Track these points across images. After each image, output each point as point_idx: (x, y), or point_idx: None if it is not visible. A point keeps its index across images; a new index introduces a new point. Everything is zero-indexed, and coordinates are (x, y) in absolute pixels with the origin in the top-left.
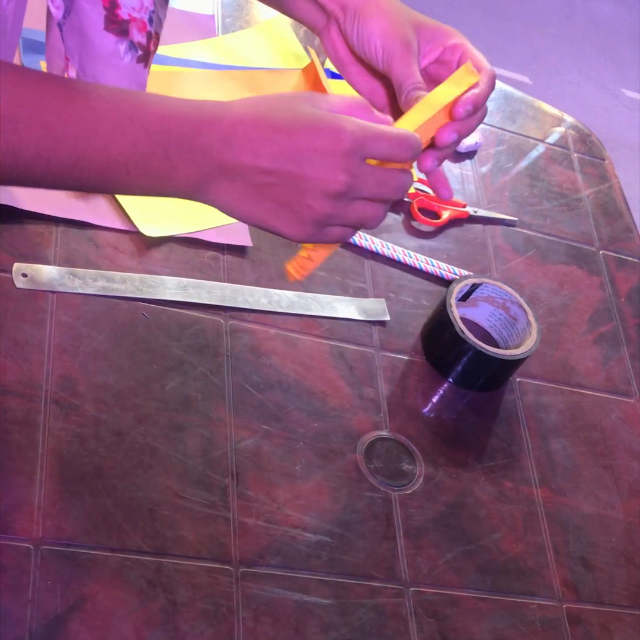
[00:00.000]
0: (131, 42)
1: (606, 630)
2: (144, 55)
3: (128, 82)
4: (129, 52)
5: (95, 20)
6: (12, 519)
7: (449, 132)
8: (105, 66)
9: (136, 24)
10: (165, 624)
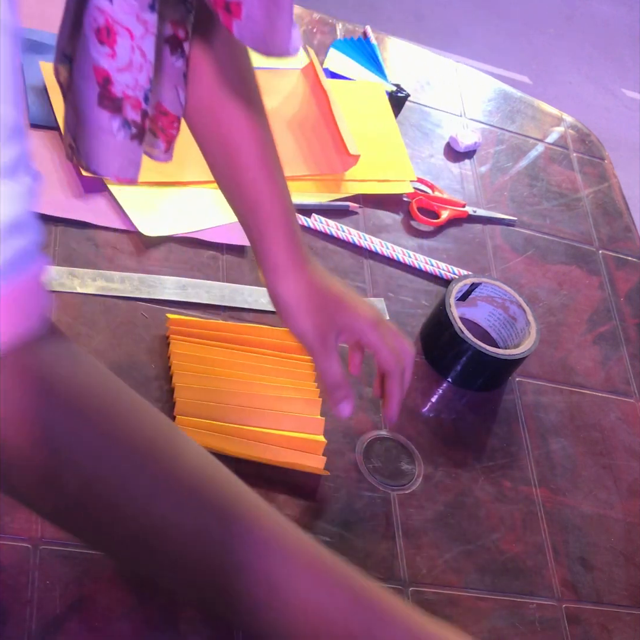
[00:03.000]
0: (125, 119)
1: (605, 630)
2: (139, 133)
3: (121, 159)
4: (122, 129)
5: (89, 95)
6: (11, 518)
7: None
8: (98, 142)
9: (130, 102)
10: (164, 624)
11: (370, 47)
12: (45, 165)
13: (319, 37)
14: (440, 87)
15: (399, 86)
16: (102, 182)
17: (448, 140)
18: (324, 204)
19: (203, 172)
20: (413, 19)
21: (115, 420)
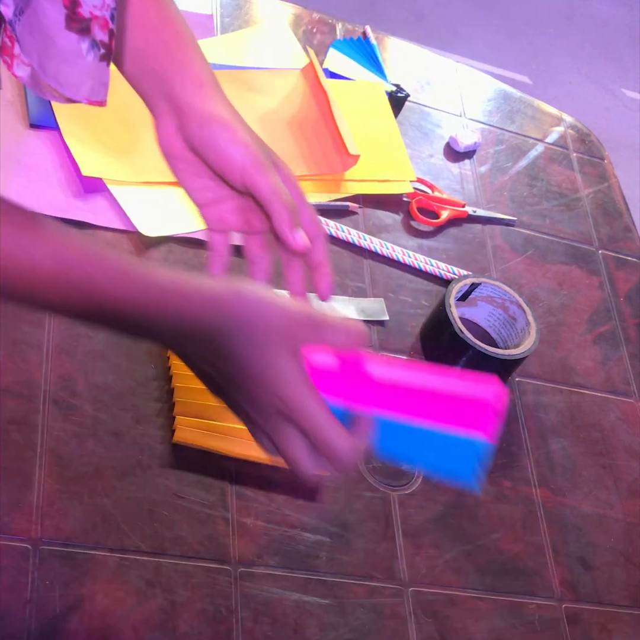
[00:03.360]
0: (93, 40)
1: (605, 630)
2: (106, 53)
3: (91, 81)
4: (91, 51)
5: (55, 19)
6: (10, 519)
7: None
8: (67, 65)
9: (98, 22)
10: (164, 624)
11: (370, 47)
12: (45, 165)
13: (318, 37)
14: (440, 87)
15: (398, 86)
16: (102, 182)
17: (448, 140)
18: (323, 204)
19: None
20: (413, 19)
21: None
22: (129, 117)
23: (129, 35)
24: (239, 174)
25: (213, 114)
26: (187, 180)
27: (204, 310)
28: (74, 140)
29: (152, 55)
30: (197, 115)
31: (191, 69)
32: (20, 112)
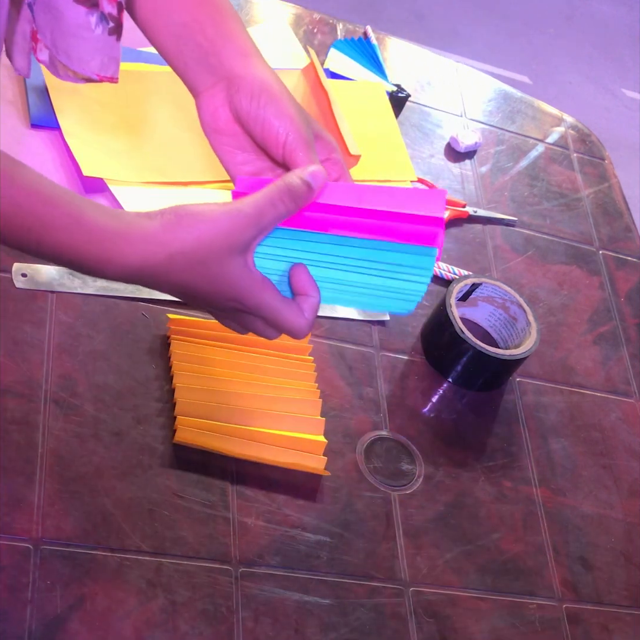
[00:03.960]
0: (102, 13)
1: (606, 630)
2: (116, 27)
3: (100, 55)
4: (100, 24)
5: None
6: (11, 518)
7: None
8: (77, 39)
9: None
10: (164, 624)
11: (371, 47)
12: (45, 165)
13: (319, 38)
14: (440, 87)
15: (399, 86)
16: (102, 182)
17: (448, 140)
18: None
19: (203, 171)
20: (413, 19)
21: None
22: (129, 117)
23: (172, 12)
24: (281, 146)
25: (263, 85)
26: (228, 154)
27: (148, 253)
28: (75, 140)
29: (198, 29)
30: (247, 85)
31: (237, 40)
32: (21, 112)
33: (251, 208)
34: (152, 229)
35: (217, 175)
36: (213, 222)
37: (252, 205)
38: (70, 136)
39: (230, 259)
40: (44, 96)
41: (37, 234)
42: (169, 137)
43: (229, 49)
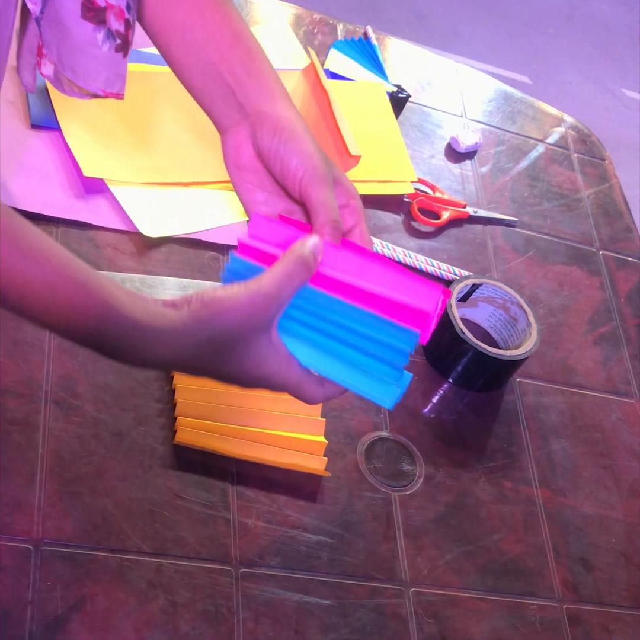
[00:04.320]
0: (109, 30)
1: (606, 631)
2: (123, 44)
3: (107, 72)
4: (107, 41)
5: (72, 8)
6: (12, 519)
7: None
8: (83, 55)
9: (113, 11)
10: (165, 625)
11: (371, 47)
12: (46, 165)
13: (319, 38)
14: (440, 87)
15: (399, 87)
16: (103, 182)
17: (449, 140)
18: None
19: (204, 172)
20: (413, 19)
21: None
22: (130, 118)
23: (201, 50)
24: (297, 182)
25: (285, 123)
26: (248, 192)
27: (177, 347)
28: (75, 140)
29: (226, 69)
30: (270, 122)
31: (264, 81)
32: (21, 113)
33: (270, 286)
34: (180, 321)
35: (217, 175)
36: (237, 307)
37: (271, 283)
38: (71, 136)
39: (256, 340)
40: (44, 96)
41: (67, 319)
42: (169, 137)
43: (256, 89)
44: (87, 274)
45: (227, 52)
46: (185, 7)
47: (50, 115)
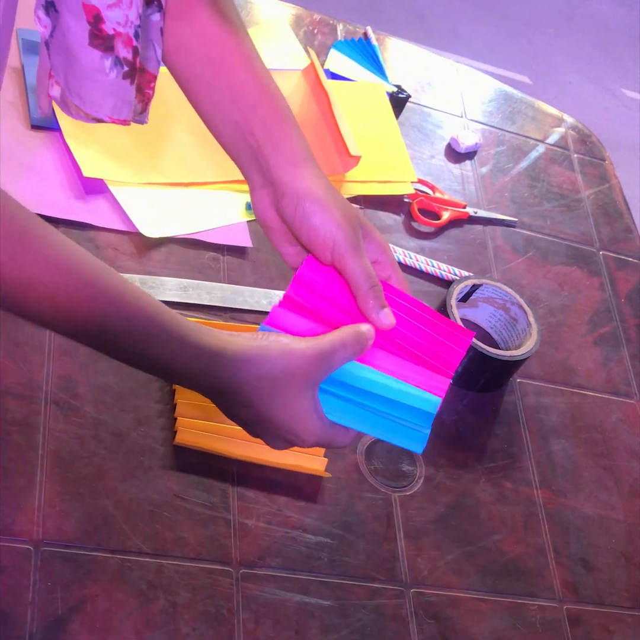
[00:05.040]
0: (117, 57)
1: (606, 631)
2: (130, 71)
3: (114, 99)
4: (115, 68)
5: (80, 35)
6: (12, 520)
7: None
8: (91, 83)
9: (121, 39)
10: (165, 626)
11: (371, 47)
12: (46, 166)
13: (319, 38)
14: (440, 88)
15: (399, 87)
16: (103, 183)
17: (449, 141)
18: None
19: (204, 173)
20: (413, 19)
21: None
22: None
23: (227, 110)
24: (329, 253)
25: (307, 192)
26: (281, 247)
27: (241, 372)
28: (75, 141)
29: (248, 131)
30: (291, 193)
31: (286, 146)
32: (21, 113)
33: (328, 346)
34: (251, 350)
35: (217, 176)
36: (299, 355)
37: (328, 344)
38: (71, 137)
39: (305, 390)
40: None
41: (140, 349)
42: (169, 138)
43: (276, 156)
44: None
45: (250, 114)
46: (211, 69)
47: (50, 115)
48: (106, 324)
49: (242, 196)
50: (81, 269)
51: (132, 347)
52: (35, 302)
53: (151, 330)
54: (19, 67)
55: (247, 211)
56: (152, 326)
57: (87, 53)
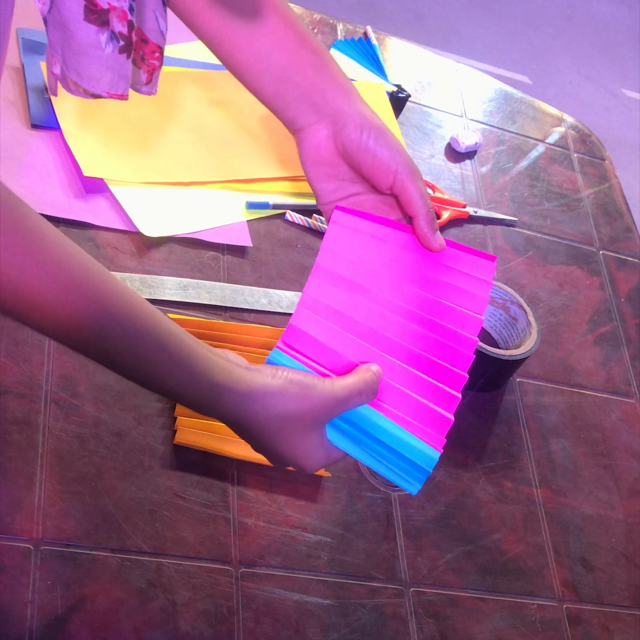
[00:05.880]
0: (112, 32)
1: (606, 631)
2: (126, 45)
3: (111, 74)
4: (110, 43)
5: (75, 11)
6: (12, 519)
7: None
8: (87, 58)
9: (116, 13)
10: (165, 625)
11: (371, 47)
12: (45, 165)
13: (319, 38)
14: (440, 87)
15: (399, 87)
16: (103, 182)
17: (449, 140)
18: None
19: (204, 172)
20: (413, 19)
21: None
22: (130, 118)
23: (270, 56)
24: (391, 177)
25: (370, 120)
26: (323, 182)
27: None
28: (75, 140)
29: (297, 71)
30: (354, 120)
31: (337, 80)
32: (21, 112)
33: (344, 392)
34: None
35: (217, 175)
36: (316, 400)
37: (345, 390)
38: (71, 136)
39: (313, 429)
40: (44, 96)
41: (146, 375)
42: (169, 137)
43: (331, 89)
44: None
45: (295, 56)
46: (250, 23)
47: (50, 115)
48: (112, 352)
49: (242, 196)
50: (87, 285)
51: (138, 375)
52: (40, 315)
53: (161, 357)
54: (19, 67)
55: (247, 210)
56: (163, 353)
57: (83, 28)
